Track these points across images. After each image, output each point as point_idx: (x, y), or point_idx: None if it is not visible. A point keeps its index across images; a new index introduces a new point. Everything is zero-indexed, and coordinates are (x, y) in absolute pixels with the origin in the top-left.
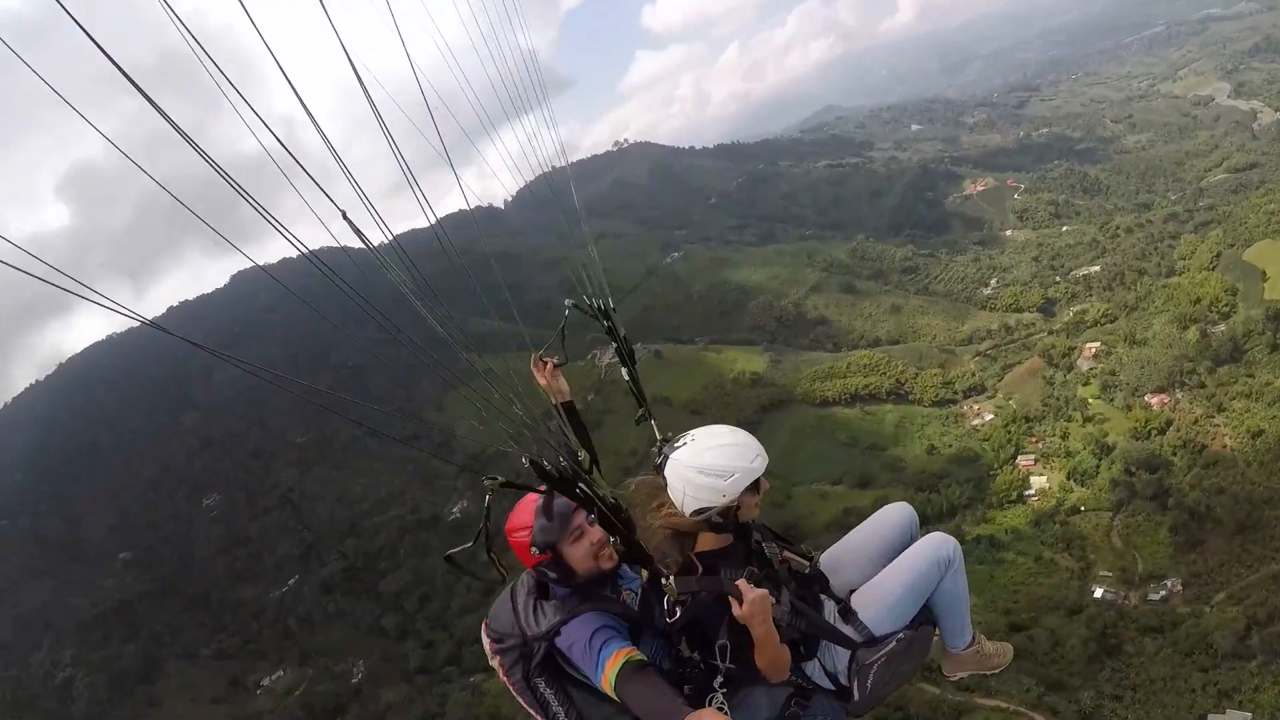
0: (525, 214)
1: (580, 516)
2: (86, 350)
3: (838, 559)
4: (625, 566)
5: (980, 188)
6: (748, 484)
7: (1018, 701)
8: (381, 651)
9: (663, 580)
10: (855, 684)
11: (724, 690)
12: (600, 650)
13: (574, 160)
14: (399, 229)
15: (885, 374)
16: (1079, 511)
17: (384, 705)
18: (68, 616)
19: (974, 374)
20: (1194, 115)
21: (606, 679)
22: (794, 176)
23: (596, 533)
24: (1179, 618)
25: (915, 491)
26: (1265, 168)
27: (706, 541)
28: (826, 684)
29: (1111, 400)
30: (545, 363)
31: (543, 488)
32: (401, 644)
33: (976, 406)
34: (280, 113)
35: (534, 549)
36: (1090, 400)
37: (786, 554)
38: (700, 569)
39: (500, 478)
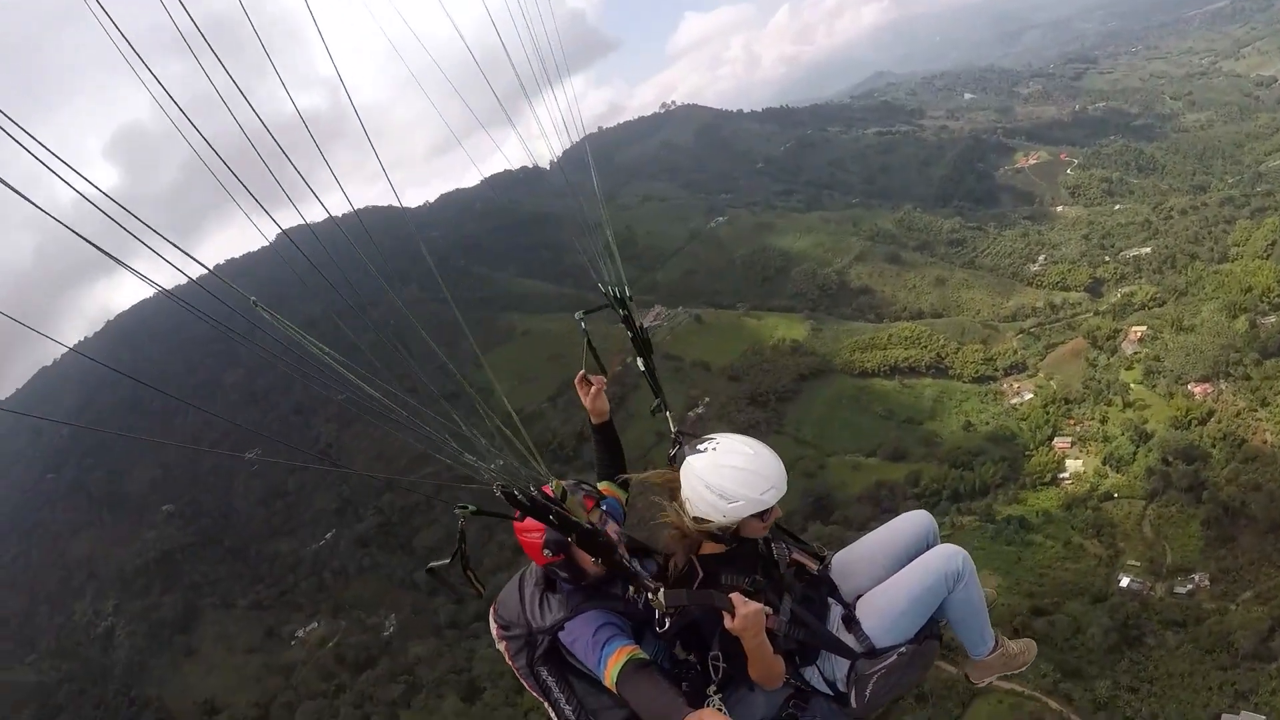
0: (572, 175)
1: (594, 518)
2: (135, 307)
3: (849, 562)
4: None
5: (1033, 161)
6: (751, 513)
7: (1033, 686)
8: (412, 605)
9: (649, 595)
10: (853, 693)
11: (720, 695)
12: (603, 647)
13: (620, 121)
14: (445, 187)
15: (926, 347)
16: (1112, 498)
17: (413, 658)
18: (111, 567)
19: (1016, 352)
20: (1256, 96)
21: (609, 676)
22: (842, 143)
23: (610, 530)
24: (1203, 613)
25: (949, 468)
26: None
27: (711, 545)
28: (825, 689)
29: (1154, 387)
30: (591, 383)
31: (517, 514)
32: (432, 599)
33: (1016, 385)
34: (325, 75)
35: (546, 550)
36: (1132, 385)
37: (797, 556)
38: (701, 574)
39: (473, 506)
